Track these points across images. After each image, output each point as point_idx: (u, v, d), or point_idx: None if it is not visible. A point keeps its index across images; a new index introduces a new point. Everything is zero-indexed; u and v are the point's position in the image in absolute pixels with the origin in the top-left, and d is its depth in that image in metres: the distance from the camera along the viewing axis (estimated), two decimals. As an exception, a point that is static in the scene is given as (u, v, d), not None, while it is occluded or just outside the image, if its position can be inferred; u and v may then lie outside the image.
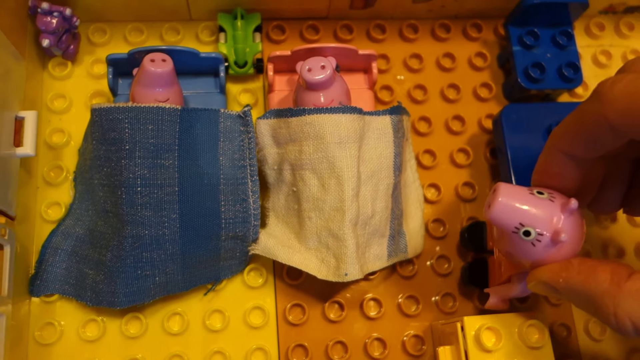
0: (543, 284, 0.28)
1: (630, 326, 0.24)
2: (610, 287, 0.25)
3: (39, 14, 0.36)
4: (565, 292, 0.27)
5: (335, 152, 0.33)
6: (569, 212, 0.27)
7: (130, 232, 0.32)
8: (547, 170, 0.29)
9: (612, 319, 0.25)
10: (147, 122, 0.32)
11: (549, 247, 0.27)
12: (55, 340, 0.34)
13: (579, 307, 0.27)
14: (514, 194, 0.27)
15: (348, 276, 0.32)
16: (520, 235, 0.27)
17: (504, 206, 0.27)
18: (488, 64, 0.43)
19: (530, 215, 0.27)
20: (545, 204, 0.27)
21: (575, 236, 0.27)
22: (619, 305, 0.24)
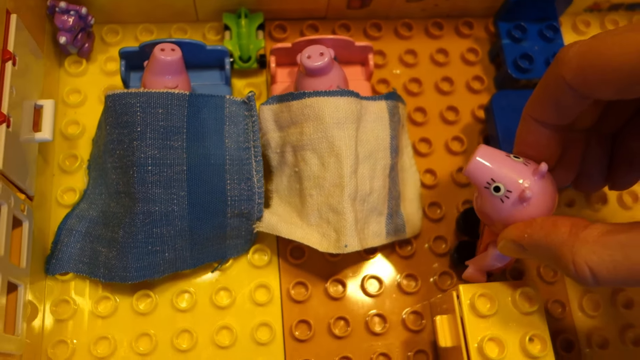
0: (510, 241, 0.29)
1: (588, 272, 0.25)
2: (569, 237, 0.26)
3: (56, 12, 0.39)
4: (530, 247, 0.28)
5: (334, 132, 0.35)
6: (539, 175, 0.29)
7: (142, 209, 0.34)
8: (524, 140, 0.31)
9: (571, 267, 0.26)
10: (158, 106, 0.34)
11: (517, 204, 0.29)
12: (70, 316, 0.36)
13: (544, 261, 0.28)
14: (490, 154, 0.30)
15: (348, 247, 0.34)
16: (491, 191, 0.29)
17: (479, 163, 0.30)
18: (480, 58, 0.46)
19: (501, 172, 0.29)
20: (518, 166, 0.30)
21: (544, 199, 0.29)
22: (576, 253, 0.26)
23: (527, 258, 0.30)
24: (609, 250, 0.25)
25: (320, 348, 0.37)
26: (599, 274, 0.25)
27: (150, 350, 0.36)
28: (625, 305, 0.40)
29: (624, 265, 0.25)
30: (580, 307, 0.39)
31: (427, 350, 0.37)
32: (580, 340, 0.39)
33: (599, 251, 0.25)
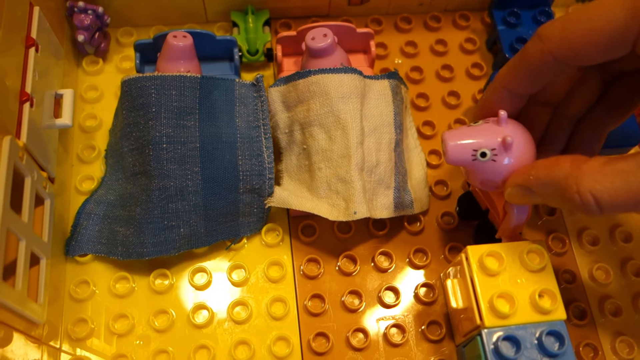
0: (518, 186, 0.30)
1: (592, 200, 0.27)
2: (571, 170, 0.28)
3: (75, 12, 0.41)
4: (536, 187, 0.29)
5: (340, 106, 0.36)
6: (503, 122, 0.31)
7: (158, 185, 0.35)
8: (490, 107, 0.33)
9: (576, 197, 0.27)
10: (171, 88, 0.36)
11: (505, 156, 0.31)
12: (89, 295, 0.37)
13: (551, 200, 0.29)
14: (456, 134, 0.32)
15: (357, 214, 0.35)
16: (479, 160, 0.31)
17: (453, 147, 0.31)
18: (478, 47, 0.47)
19: (477, 140, 0.31)
20: (483, 127, 0.32)
21: (524, 140, 0.31)
22: (580, 184, 0.27)
23: (537, 202, 0.31)
24: (609, 178, 0.26)
25: (333, 321, 0.37)
26: (602, 201, 0.27)
27: (167, 327, 0.36)
28: (636, 273, 0.40)
29: (624, 189, 0.26)
30: (592, 277, 0.40)
31: (440, 321, 0.38)
32: (592, 308, 0.39)
33: (601, 179, 0.26)
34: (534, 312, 0.32)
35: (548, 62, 0.29)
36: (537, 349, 0.32)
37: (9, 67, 0.32)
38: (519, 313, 0.32)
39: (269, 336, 0.37)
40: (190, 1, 0.45)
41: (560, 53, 0.28)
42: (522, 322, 0.32)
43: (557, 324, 0.32)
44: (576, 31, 0.27)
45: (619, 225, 0.41)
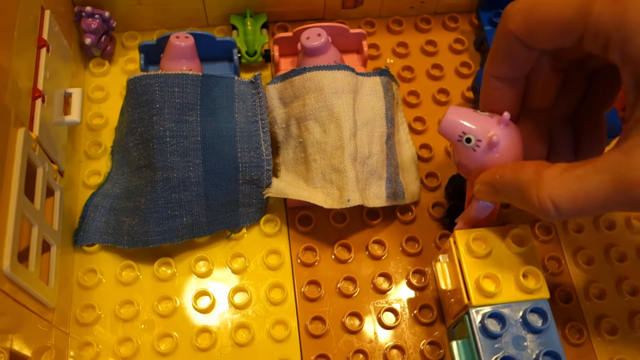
0: (485, 184, 0.33)
1: (550, 205, 0.28)
2: (534, 175, 0.29)
3: (83, 17, 0.44)
4: (501, 188, 0.31)
5: (333, 101, 0.38)
6: (504, 123, 0.33)
7: (161, 177, 0.37)
8: (487, 96, 0.35)
9: (535, 201, 0.29)
10: (174, 86, 0.38)
11: (487, 152, 0.33)
12: (96, 283, 0.39)
13: (514, 201, 0.31)
14: (459, 112, 0.34)
15: (350, 202, 0.37)
16: (463, 143, 0.33)
17: (450, 121, 0.34)
18: (466, 47, 0.50)
19: (470, 125, 0.33)
20: (484, 118, 0.33)
21: (510, 146, 0.33)
22: (540, 188, 0.29)
23: (500, 201, 0.33)
24: (567, 184, 0.28)
25: (329, 306, 0.39)
26: (560, 205, 0.28)
27: (171, 312, 0.38)
28: (620, 259, 0.42)
29: (581, 195, 0.28)
30: (576, 262, 0.41)
31: (431, 305, 0.39)
32: (578, 292, 0.40)
33: (559, 185, 0.28)
34: (519, 291, 0.34)
35: (511, 41, 0.31)
36: (521, 325, 0.33)
37: (23, 67, 0.34)
38: (504, 292, 0.34)
39: (267, 320, 0.38)
40: (191, 6, 0.47)
41: (520, 33, 0.30)
42: (508, 301, 0.34)
43: (540, 302, 0.34)
44: (534, 16, 0.30)
45: (602, 215, 0.43)
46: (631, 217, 0.43)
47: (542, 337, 0.33)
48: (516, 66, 0.33)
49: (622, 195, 0.27)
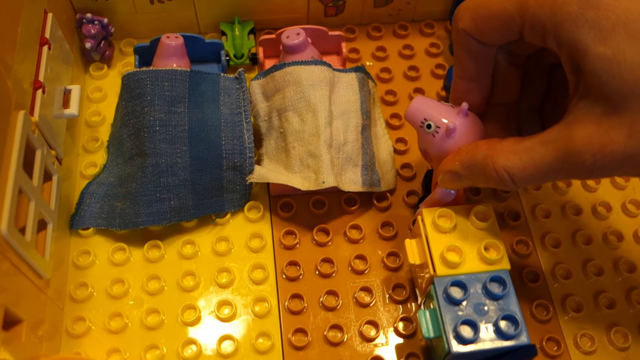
0: (447, 172, 0.35)
1: (506, 175, 0.31)
2: (488, 151, 0.32)
3: (84, 23, 0.48)
4: (462, 171, 0.34)
5: (310, 92, 0.41)
6: (462, 113, 0.36)
7: (151, 162, 0.40)
8: (456, 97, 0.37)
9: (494, 174, 0.32)
10: (164, 80, 0.42)
11: (445, 138, 0.36)
12: (90, 263, 0.42)
13: (477, 181, 0.34)
14: (424, 101, 0.37)
15: (325, 183, 0.40)
16: (425, 129, 0.36)
17: (414, 108, 0.37)
18: (441, 50, 0.53)
19: (431, 113, 0.37)
20: (446, 108, 0.37)
21: (467, 134, 0.36)
22: (495, 162, 0.32)
23: (466, 185, 0.36)
24: (518, 155, 0.31)
25: (308, 285, 0.42)
26: (514, 175, 0.31)
27: (158, 290, 0.41)
28: (586, 243, 0.44)
29: (529, 164, 0.31)
30: (544, 245, 0.44)
31: (405, 284, 0.42)
32: (545, 273, 0.43)
33: (511, 157, 0.31)
34: (481, 262, 0.36)
35: (465, 38, 0.34)
36: (482, 293, 0.35)
37: (25, 60, 0.38)
38: (467, 264, 0.36)
39: (249, 298, 0.41)
40: (184, 14, 0.51)
41: (470, 30, 0.33)
42: (470, 272, 0.36)
43: (501, 272, 0.36)
44: (479, 14, 0.32)
45: (568, 201, 0.45)
46: (596, 205, 0.45)
47: (502, 303, 0.35)
48: (477, 63, 0.36)
49: (564, 164, 0.30)
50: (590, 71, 0.28)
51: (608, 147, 0.28)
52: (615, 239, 0.44)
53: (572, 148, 0.29)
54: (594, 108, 0.28)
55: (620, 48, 0.27)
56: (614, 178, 0.47)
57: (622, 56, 0.27)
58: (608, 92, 0.27)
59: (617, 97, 0.27)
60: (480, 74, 0.36)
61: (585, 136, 0.28)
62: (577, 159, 0.29)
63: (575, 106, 0.30)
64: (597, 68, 0.27)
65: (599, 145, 0.28)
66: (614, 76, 0.27)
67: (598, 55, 0.27)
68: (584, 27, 0.27)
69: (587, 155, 0.28)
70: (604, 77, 0.27)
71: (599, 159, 0.28)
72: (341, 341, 0.39)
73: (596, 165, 0.28)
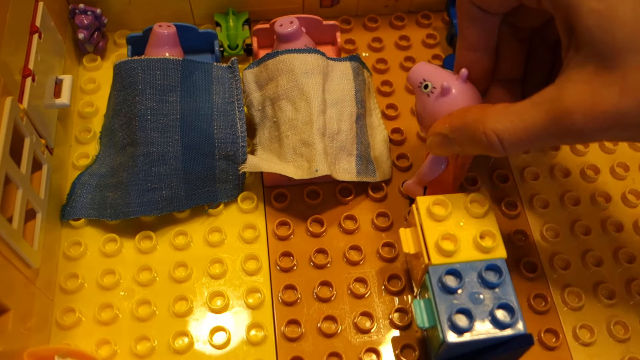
0: (436, 134, 0.35)
1: (495, 138, 0.31)
2: (479, 115, 0.32)
3: (77, 14, 0.47)
4: (452, 134, 0.34)
5: (303, 80, 0.41)
6: (462, 78, 0.35)
7: (142, 151, 0.40)
8: (462, 64, 0.37)
9: (483, 137, 0.31)
10: (156, 69, 0.41)
11: (439, 98, 0.36)
12: (81, 254, 0.41)
13: (466, 146, 0.33)
14: (427, 64, 0.37)
15: (318, 172, 0.39)
16: (422, 89, 0.36)
17: (415, 69, 0.37)
18: (438, 41, 0.52)
19: (430, 74, 0.36)
20: (446, 73, 0.36)
21: (464, 99, 0.35)
22: (485, 125, 0.31)
23: (455, 152, 0.35)
24: (509, 118, 0.31)
25: (302, 276, 0.41)
26: (503, 139, 0.31)
27: (150, 281, 0.40)
28: (585, 233, 0.43)
29: (520, 127, 0.30)
30: (542, 236, 0.43)
31: (400, 275, 0.41)
32: (544, 262, 0.42)
33: (502, 120, 0.31)
34: (477, 251, 0.36)
35: (468, 7, 0.34)
36: (478, 281, 0.35)
37: (15, 48, 0.37)
38: (462, 252, 0.35)
39: (242, 289, 0.40)
40: (179, 5, 0.51)
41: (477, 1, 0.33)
42: (466, 260, 0.35)
43: (497, 260, 0.35)
44: None
45: (568, 191, 0.45)
46: (596, 195, 0.44)
47: (498, 292, 0.34)
48: (480, 33, 0.35)
49: (555, 125, 0.29)
50: (582, 28, 0.27)
51: (599, 106, 0.27)
52: (615, 229, 0.43)
53: (563, 108, 0.28)
54: (586, 66, 0.28)
55: (613, 4, 0.27)
56: (614, 168, 0.46)
57: (615, 12, 0.27)
58: (600, 49, 0.27)
59: (609, 53, 0.27)
60: (484, 44, 0.36)
61: (576, 95, 0.28)
62: (567, 120, 0.28)
63: (567, 66, 0.29)
64: (590, 24, 0.27)
65: (590, 104, 0.27)
66: (606, 32, 0.27)
67: (591, 10, 0.27)
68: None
69: (578, 115, 0.28)
70: (596, 33, 0.27)
71: (589, 120, 0.27)
72: (335, 332, 0.39)
73: (587, 127, 0.28)
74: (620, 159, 0.47)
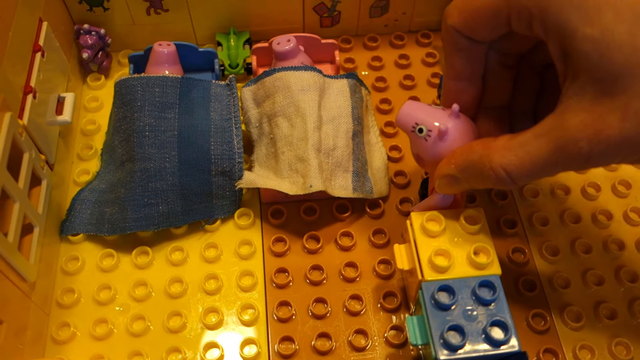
0: (443, 176, 0.34)
1: (503, 173, 0.30)
2: (483, 150, 0.32)
3: (81, 34, 0.48)
4: (459, 173, 0.33)
5: (299, 97, 0.41)
6: (453, 115, 0.35)
7: (140, 167, 0.40)
8: (447, 98, 0.36)
9: (490, 173, 0.31)
10: (155, 86, 0.42)
11: (437, 141, 0.35)
12: (78, 269, 0.41)
13: (475, 182, 0.33)
14: (414, 105, 0.36)
15: (312, 187, 0.39)
16: (416, 133, 0.35)
17: (404, 113, 0.36)
18: (437, 60, 0.53)
19: (422, 117, 0.35)
20: (436, 111, 0.36)
21: (460, 136, 0.35)
22: (492, 160, 0.31)
23: (464, 189, 0.35)
24: (513, 151, 0.30)
25: (297, 293, 0.41)
26: (511, 172, 0.30)
27: (145, 296, 0.40)
28: (585, 251, 0.42)
29: (526, 160, 0.30)
30: (542, 254, 0.42)
31: (396, 292, 0.40)
32: (543, 281, 0.41)
33: (507, 154, 0.31)
34: (471, 267, 0.35)
35: (454, 36, 0.33)
36: (472, 298, 0.34)
37: (16, 66, 0.38)
38: (456, 268, 0.35)
39: (236, 305, 0.40)
40: (181, 26, 0.52)
41: (459, 26, 0.33)
42: (460, 276, 0.35)
43: (491, 277, 0.35)
44: (467, 8, 0.32)
45: (568, 209, 0.44)
46: (597, 213, 0.44)
47: (492, 309, 0.34)
48: (467, 62, 0.35)
49: (561, 154, 0.29)
50: (578, 54, 0.27)
51: (603, 132, 0.27)
52: (617, 248, 0.43)
53: (567, 137, 0.28)
54: (585, 93, 0.27)
55: (608, 28, 0.26)
56: (615, 186, 0.45)
57: (610, 36, 0.26)
58: (598, 75, 0.27)
59: (607, 79, 0.26)
60: (471, 73, 0.36)
61: (579, 123, 0.28)
62: (573, 148, 0.28)
63: (565, 94, 0.29)
64: (586, 50, 0.27)
65: (594, 130, 0.27)
66: (603, 57, 0.26)
67: (586, 37, 0.27)
68: (569, 9, 0.27)
69: (583, 142, 0.27)
70: (593, 58, 0.27)
71: (595, 145, 0.27)
72: (329, 350, 0.38)
73: (593, 152, 0.27)
74: (622, 176, 0.46)
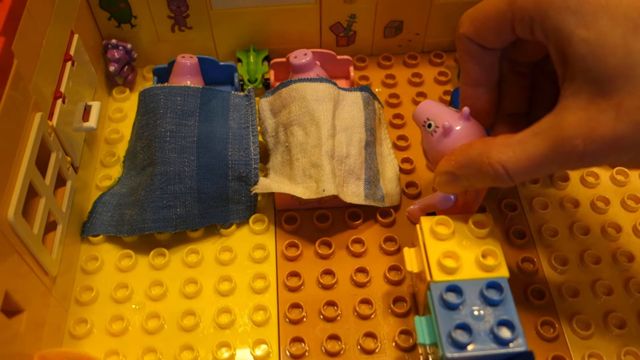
0: (443, 173, 0.36)
1: (501, 169, 0.32)
2: (482, 147, 0.33)
3: (109, 49, 0.51)
4: (458, 170, 0.34)
5: (314, 106, 0.43)
6: (463, 117, 0.36)
7: (160, 170, 0.42)
8: (465, 100, 0.38)
9: (489, 169, 0.32)
10: (177, 95, 0.44)
11: (442, 137, 0.36)
12: (97, 268, 0.43)
13: (474, 180, 0.34)
14: (432, 103, 0.39)
15: (325, 191, 0.40)
16: (426, 128, 0.37)
17: (419, 108, 0.39)
18: (449, 78, 0.54)
19: (434, 113, 0.38)
20: (450, 111, 0.37)
21: (467, 137, 0.36)
22: (490, 157, 0.32)
23: (463, 187, 0.36)
24: (511, 148, 0.32)
25: (309, 296, 0.42)
26: (509, 168, 0.32)
27: (160, 296, 0.41)
28: (595, 262, 0.43)
29: (523, 157, 0.31)
30: (550, 264, 0.43)
31: (406, 298, 0.41)
32: (552, 290, 0.42)
33: (505, 151, 0.32)
34: (479, 269, 0.36)
35: (467, 44, 0.35)
36: (479, 299, 0.35)
37: (48, 72, 0.41)
38: (465, 270, 0.36)
39: (249, 306, 0.41)
40: (204, 44, 0.54)
41: (470, 34, 0.34)
42: (468, 278, 0.36)
43: (499, 279, 0.35)
44: (477, 17, 0.34)
45: (577, 221, 0.45)
46: (605, 226, 0.44)
47: (499, 309, 0.34)
48: (480, 68, 0.36)
49: (557, 152, 0.30)
50: (575, 56, 0.28)
51: (597, 131, 0.28)
52: (626, 260, 0.43)
53: (563, 135, 0.29)
54: (581, 94, 0.29)
55: (603, 31, 0.28)
56: (624, 201, 0.46)
57: (605, 39, 0.28)
58: (593, 76, 0.28)
59: (602, 80, 0.28)
60: (485, 79, 0.37)
61: (574, 122, 0.29)
62: (568, 146, 0.29)
63: (563, 95, 0.30)
64: (582, 52, 0.28)
65: (588, 129, 0.28)
66: (597, 59, 0.28)
67: (582, 39, 0.28)
68: (567, 14, 0.29)
69: (578, 140, 0.29)
70: (589, 60, 0.28)
71: (589, 144, 0.28)
72: (339, 352, 0.39)
73: (587, 150, 0.28)
74: (631, 191, 0.47)
